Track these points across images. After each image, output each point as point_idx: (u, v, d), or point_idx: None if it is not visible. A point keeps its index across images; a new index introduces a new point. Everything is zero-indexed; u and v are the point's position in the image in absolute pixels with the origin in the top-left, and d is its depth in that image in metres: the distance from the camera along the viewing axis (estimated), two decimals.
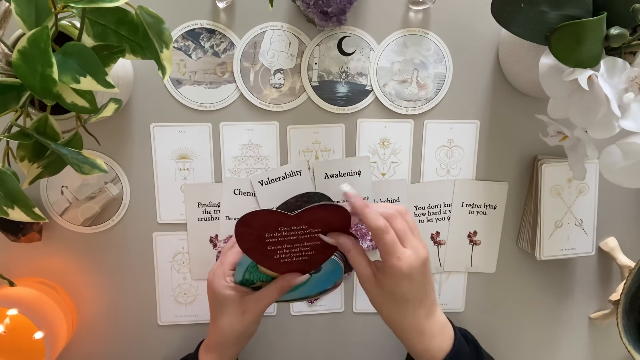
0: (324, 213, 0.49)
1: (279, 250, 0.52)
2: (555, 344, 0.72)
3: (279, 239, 0.51)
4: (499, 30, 0.63)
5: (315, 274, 0.56)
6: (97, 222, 0.64)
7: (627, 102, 0.47)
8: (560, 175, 0.65)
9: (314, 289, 0.58)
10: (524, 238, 0.68)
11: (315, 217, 0.50)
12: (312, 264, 0.54)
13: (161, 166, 0.63)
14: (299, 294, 0.58)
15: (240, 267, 0.55)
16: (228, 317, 0.54)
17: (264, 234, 0.51)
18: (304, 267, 0.54)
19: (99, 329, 0.66)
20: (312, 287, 0.58)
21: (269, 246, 0.52)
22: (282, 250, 0.52)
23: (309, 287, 0.57)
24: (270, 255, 0.53)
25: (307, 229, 0.51)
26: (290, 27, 0.62)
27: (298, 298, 0.59)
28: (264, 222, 0.50)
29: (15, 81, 0.41)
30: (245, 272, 0.56)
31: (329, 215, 0.50)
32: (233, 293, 0.54)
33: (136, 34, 0.43)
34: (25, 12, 0.41)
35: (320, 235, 0.51)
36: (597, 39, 0.47)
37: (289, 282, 0.54)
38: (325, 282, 0.58)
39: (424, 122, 0.65)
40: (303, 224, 0.50)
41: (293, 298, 0.58)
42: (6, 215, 0.42)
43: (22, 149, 0.45)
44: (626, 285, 0.62)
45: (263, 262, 0.54)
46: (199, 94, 0.62)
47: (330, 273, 0.57)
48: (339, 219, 0.50)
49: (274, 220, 0.50)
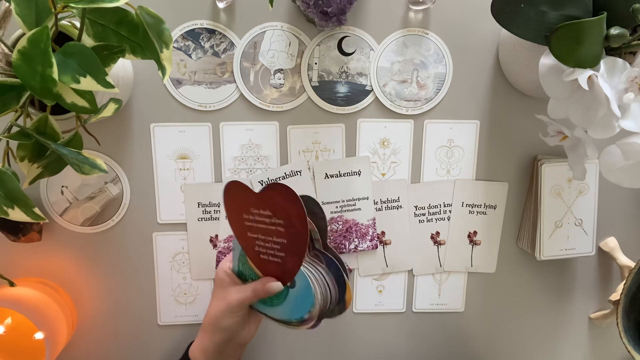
0: (281, 199, 0.50)
1: (257, 240, 0.53)
2: (555, 344, 0.72)
3: (253, 223, 0.53)
4: (499, 31, 0.63)
5: (291, 288, 0.54)
6: (97, 222, 0.64)
7: (627, 102, 0.47)
8: (560, 175, 0.65)
9: (293, 313, 0.55)
10: (524, 238, 0.68)
11: (276, 202, 0.50)
12: (284, 271, 0.53)
13: (161, 166, 0.63)
14: (281, 314, 0.55)
15: (234, 253, 0.57)
16: (212, 300, 0.57)
17: (242, 213, 0.53)
18: (279, 274, 0.54)
19: (99, 329, 0.66)
20: (291, 310, 0.55)
21: (248, 231, 0.53)
22: (259, 242, 0.53)
23: (288, 307, 0.55)
24: (251, 245, 0.54)
25: (271, 217, 0.51)
26: (290, 27, 0.62)
27: (281, 320, 0.56)
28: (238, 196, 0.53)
29: (15, 81, 0.41)
30: (239, 262, 0.57)
31: (286, 202, 0.49)
32: (225, 278, 0.56)
33: (136, 34, 0.43)
34: (25, 12, 0.41)
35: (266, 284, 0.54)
36: (597, 39, 0.47)
37: (263, 284, 0.54)
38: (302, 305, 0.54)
39: (424, 122, 0.65)
40: (267, 209, 0.51)
41: (274, 316, 0.56)
42: (6, 215, 0.42)
43: (22, 149, 0.45)
44: (626, 286, 0.62)
45: (247, 250, 0.55)
46: (199, 94, 0.62)
47: (304, 293, 0.53)
48: (295, 210, 0.50)
49: (245, 196, 0.52)
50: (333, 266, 0.55)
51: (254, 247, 0.53)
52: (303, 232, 0.50)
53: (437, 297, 0.69)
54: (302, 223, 0.50)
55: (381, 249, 0.67)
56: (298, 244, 0.51)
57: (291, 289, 0.54)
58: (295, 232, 0.50)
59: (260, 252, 0.53)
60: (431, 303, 0.69)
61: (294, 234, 0.50)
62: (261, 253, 0.53)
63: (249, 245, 0.54)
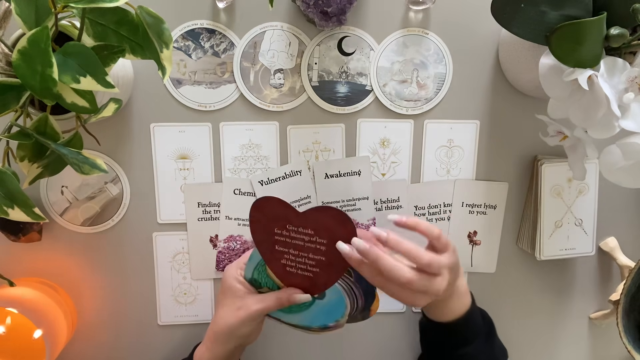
0: (331, 221, 0.49)
1: (286, 254, 0.53)
2: (555, 343, 0.72)
3: (286, 239, 0.52)
4: (499, 30, 0.63)
5: (319, 299, 0.55)
6: (97, 222, 0.64)
7: (627, 102, 0.47)
8: (560, 175, 0.65)
9: (315, 320, 0.55)
10: (524, 238, 0.68)
11: (321, 223, 0.50)
12: (315, 284, 0.53)
13: (161, 166, 0.63)
14: (300, 320, 0.56)
15: (250, 263, 0.56)
16: (225, 309, 0.55)
17: (274, 227, 0.52)
18: (307, 286, 0.53)
19: (99, 329, 0.66)
20: (313, 317, 0.55)
21: (277, 245, 0.52)
22: (289, 256, 0.52)
23: (310, 315, 0.55)
24: (277, 258, 0.53)
25: (313, 235, 0.51)
26: (290, 27, 0.62)
27: (299, 325, 0.56)
28: (274, 211, 0.51)
29: (15, 81, 0.41)
30: (254, 270, 0.56)
31: (334, 223, 0.49)
32: (239, 287, 0.55)
33: (136, 34, 0.43)
34: (25, 12, 0.41)
35: (339, 244, 0.49)
36: (597, 39, 0.47)
37: (289, 295, 0.53)
38: (328, 315, 0.55)
39: (424, 122, 0.65)
40: (309, 228, 0.50)
41: (293, 323, 0.56)
42: (6, 215, 0.42)
43: (22, 149, 0.45)
44: (626, 285, 0.62)
45: (271, 262, 0.54)
46: (199, 94, 0.62)
47: (334, 306, 0.55)
48: (344, 232, 0.49)
49: (283, 213, 0.51)
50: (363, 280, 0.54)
51: (281, 259, 0.53)
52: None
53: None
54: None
55: None
56: (340, 263, 0.51)
57: (319, 299, 0.55)
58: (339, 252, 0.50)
59: (287, 265, 0.53)
60: None
61: (337, 254, 0.50)
62: (288, 266, 0.53)
63: (275, 258, 0.53)
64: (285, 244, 0.52)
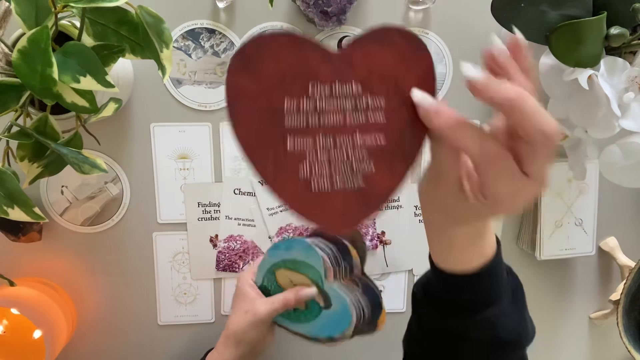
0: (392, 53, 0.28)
1: (309, 152, 0.28)
2: (555, 343, 0.72)
3: (309, 116, 0.28)
4: (499, 30, 0.63)
5: (325, 309, 0.54)
6: (97, 222, 0.64)
7: (627, 102, 0.47)
8: (561, 175, 0.65)
9: (321, 331, 0.55)
10: (524, 238, 0.68)
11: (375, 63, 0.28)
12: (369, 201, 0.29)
13: (161, 166, 0.63)
14: (307, 331, 0.55)
15: (260, 270, 0.55)
16: (236, 314, 0.55)
17: (282, 98, 0.27)
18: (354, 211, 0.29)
19: (99, 329, 0.66)
20: (320, 328, 0.55)
21: (289, 135, 0.28)
22: (316, 153, 0.28)
23: (317, 325, 0.55)
24: (291, 165, 0.28)
25: (361, 94, 0.28)
26: (290, 26, 0.62)
27: (305, 335, 0.56)
28: (282, 64, 0.27)
29: (15, 81, 0.41)
30: (264, 277, 0.55)
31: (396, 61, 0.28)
32: (250, 291, 0.55)
33: (136, 34, 0.43)
34: (26, 12, 0.41)
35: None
36: (597, 39, 0.47)
37: (296, 292, 0.53)
38: (334, 326, 0.54)
39: None
40: (354, 81, 0.28)
41: (301, 332, 0.56)
42: (6, 214, 0.42)
43: (22, 149, 0.45)
44: (626, 285, 0.62)
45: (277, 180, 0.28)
46: (199, 94, 0.62)
47: (340, 316, 0.53)
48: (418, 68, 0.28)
49: (300, 62, 0.27)
50: (370, 291, 0.54)
51: (299, 169, 0.28)
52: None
53: None
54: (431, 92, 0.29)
55: (381, 249, 0.67)
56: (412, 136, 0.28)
57: (325, 309, 0.54)
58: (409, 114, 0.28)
59: (313, 176, 0.28)
60: None
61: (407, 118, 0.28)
62: (316, 179, 0.28)
63: (285, 169, 0.28)
64: (307, 129, 0.28)
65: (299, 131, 0.28)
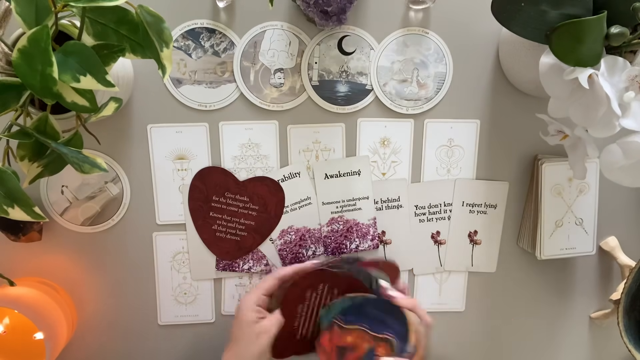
0: (265, 189, 0.61)
1: (219, 220, 0.61)
2: (555, 343, 0.72)
3: (222, 205, 0.61)
4: (499, 30, 0.63)
5: None
6: (97, 222, 0.64)
7: (627, 101, 0.47)
8: (561, 174, 0.65)
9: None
10: (525, 237, 0.68)
11: (257, 191, 0.61)
12: (241, 247, 0.62)
13: (159, 167, 0.63)
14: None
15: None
16: (244, 343, 0.54)
17: (212, 195, 0.61)
18: (234, 249, 0.62)
19: (99, 329, 0.66)
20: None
21: (211, 211, 0.61)
22: (221, 222, 0.61)
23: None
24: (209, 224, 0.62)
25: (247, 202, 0.61)
26: (291, 26, 0.62)
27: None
28: (217, 180, 0.60)
29: (15, 80, 0.41)
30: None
31: (268, 191, 0.61)
32: (253, 315, 0.55)
33: (136, 33, 0.43)
34: (26, 11, 0.41)
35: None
36: (597, 38, 0.47)
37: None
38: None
39: (424, 122, 0.65)
40: (246, 195, 0.61)
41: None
42: (6, 214, 0.42)
43: (22, 148, 0.45)
44: (627, 285, 0.62)
45: (201, 229, 0.62)
46: (199, 94, 0.62)
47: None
48: (276, 199, 0.60)
49: (224, 182, 0.61)
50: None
51: (212, 225, 0.62)
52: (274, 217, 0.63)
53: (438, 297, 0.69)
54: (278, 210, 0.62)
55: (382, 248, 0.67)
56: (265, 228, 0.62)
57: None
58: (268, 217, 0.62)
59: (218, 230, 0.62)
60: (432, 302, 0.69)
61: (265, 219, 0.62)
62: (218, 232, 0.62)
63: (206, 224, 0.62)
64: (221, 210, 0.61)
65: (216, 210, 0.61)
